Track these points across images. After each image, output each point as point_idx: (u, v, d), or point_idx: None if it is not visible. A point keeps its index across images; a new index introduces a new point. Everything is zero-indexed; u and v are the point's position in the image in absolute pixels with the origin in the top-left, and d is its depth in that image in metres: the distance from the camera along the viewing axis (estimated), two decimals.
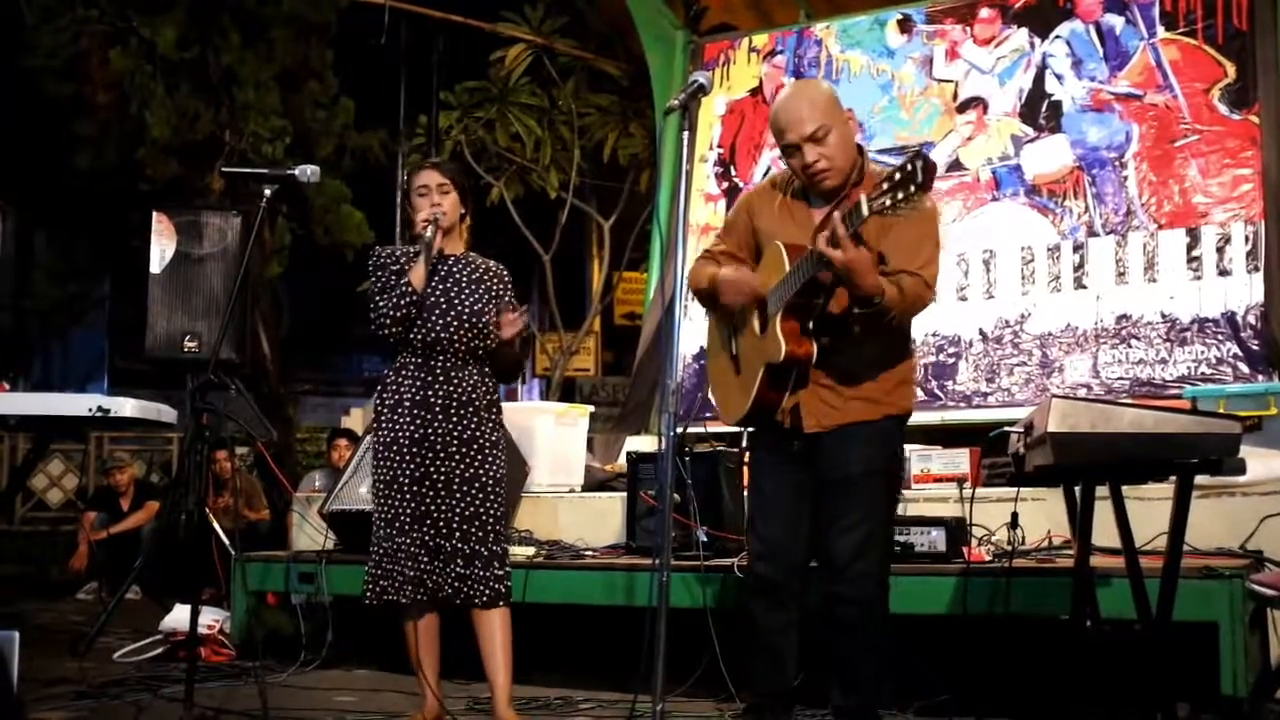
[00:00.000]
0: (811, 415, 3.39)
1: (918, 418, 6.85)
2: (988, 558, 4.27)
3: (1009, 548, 4.03)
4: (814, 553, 3.48)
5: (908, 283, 3.27)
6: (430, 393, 3.83)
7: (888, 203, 2.94)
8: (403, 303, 3.80)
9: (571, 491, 5.89)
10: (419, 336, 3.85)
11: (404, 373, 3.88)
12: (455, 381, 3.85)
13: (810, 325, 3.30)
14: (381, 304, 3.83)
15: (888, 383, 3.43)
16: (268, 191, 3.82)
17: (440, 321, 3.85)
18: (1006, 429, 3.37)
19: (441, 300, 3.87)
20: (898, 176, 2.92)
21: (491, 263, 4.05)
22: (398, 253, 3.96)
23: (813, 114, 3.33)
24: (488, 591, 3.78)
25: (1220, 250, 6.43)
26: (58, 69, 10.80)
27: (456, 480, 3.81)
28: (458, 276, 3.93)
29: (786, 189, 3.55)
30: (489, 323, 3.88)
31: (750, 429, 3.54)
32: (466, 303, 3.88)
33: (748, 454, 3.64)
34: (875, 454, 3.41)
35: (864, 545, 3.35)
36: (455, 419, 3.83)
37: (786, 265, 3.30)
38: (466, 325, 3.86)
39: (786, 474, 3.48)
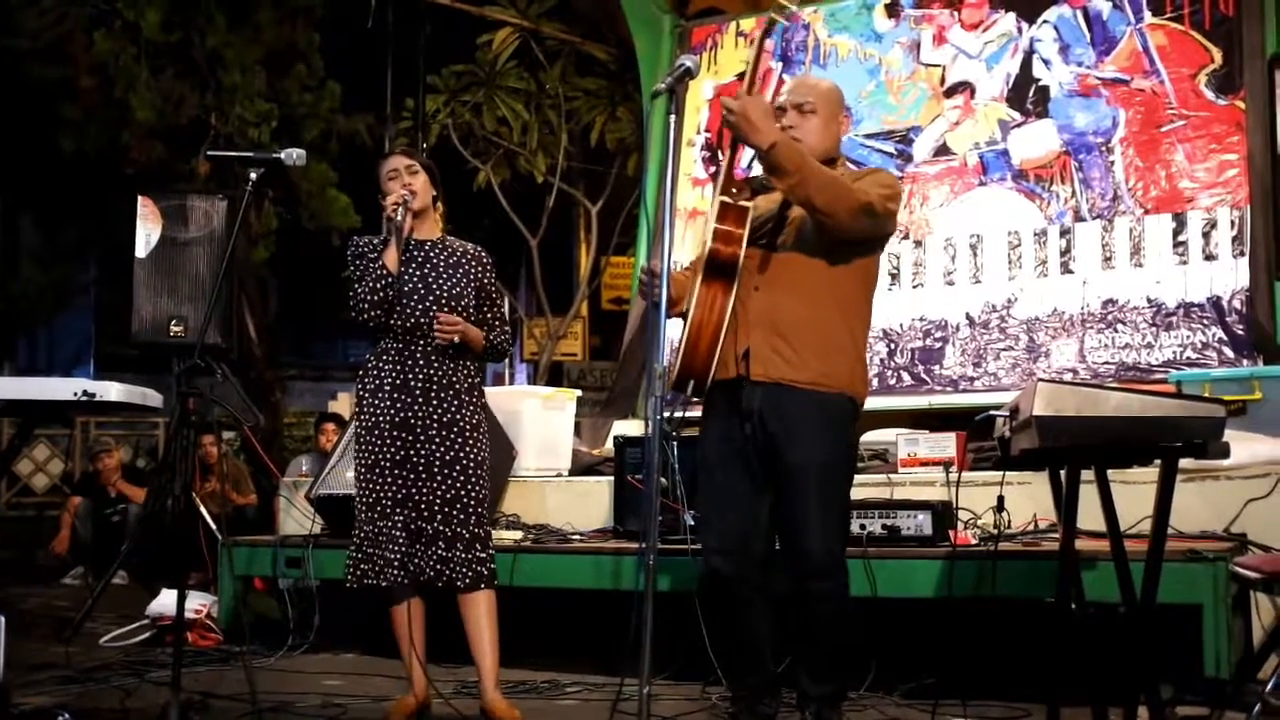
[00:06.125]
0: (760, 363, 3.35)
1: (905, 402, 7.04)
2: (974, 541, 4.29)
3: (995, 531, 4.04)
4: (775, 542, 3.46)
5: (831, 171, 3.31)
6: (410, 377, 3.83)
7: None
8: (378, 286, 3.79)
9: (559, 475, 5.89)
10: (398, 322, 3.85)
11: (384, 358, 3.88)
12: (435, 365, 3.85)
13: (743, 231, 3.29)
14: (359, 290, 3.83)
15: (839, 354, 3.40)
16: (253, 175, 3.79)
17: (419, 307, 3.85)
18: (992, 413, 3.37)
19: (419, 286, 3.87)
20: None
21: (470, 246, 4.05)
22: (376, 241, 3.95)
23: (810, 91, 3.50)
24: (469, 574, 3.79)
25: (1206, 235, 6.45)
26: (41, 52, 10.74)
27: (437, 464, 3.81)
28: (435, 261, 3.93)
29: None
30: (467, 306, 3.89)
31: (697, 397, 3.45)
32: (444, 287, 3.88)
33: (699, 424, 3.53)
34: (835, 439, 3.39)
35: (831, 535, 3.35)
36: (435, 403, 3.83)
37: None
38: (445, 310, 3.85)
39: (741, 461, 3.42)
